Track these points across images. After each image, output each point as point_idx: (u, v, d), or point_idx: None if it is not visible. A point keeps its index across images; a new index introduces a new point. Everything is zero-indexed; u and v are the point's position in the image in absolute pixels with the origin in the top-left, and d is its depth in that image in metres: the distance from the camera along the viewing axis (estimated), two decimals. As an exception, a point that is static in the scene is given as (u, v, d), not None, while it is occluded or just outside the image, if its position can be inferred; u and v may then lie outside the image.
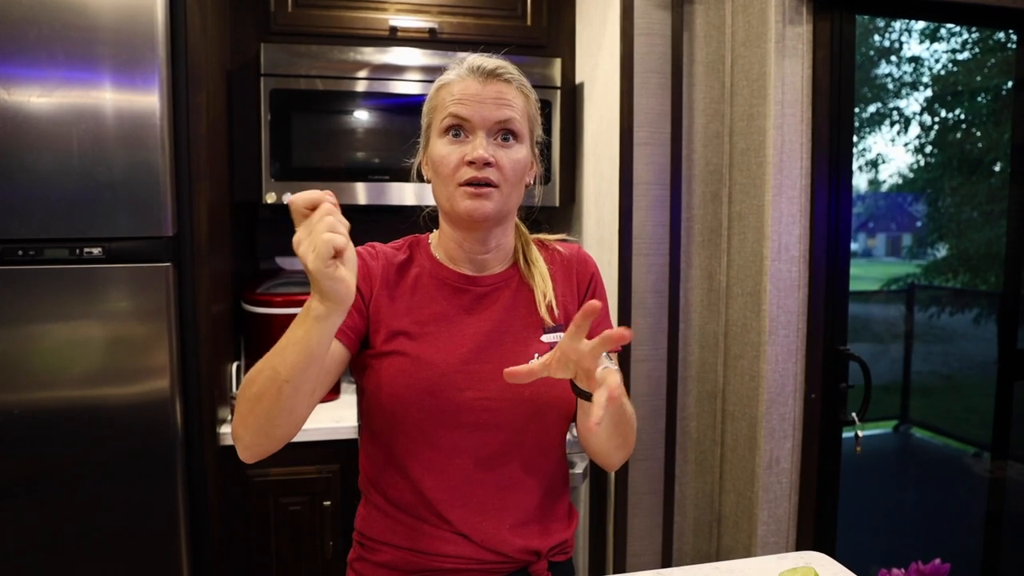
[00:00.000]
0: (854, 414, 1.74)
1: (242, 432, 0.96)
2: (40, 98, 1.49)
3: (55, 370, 1.53)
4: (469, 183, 1.00)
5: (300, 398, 0.92)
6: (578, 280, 1.16)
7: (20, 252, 1.50)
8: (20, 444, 1.53)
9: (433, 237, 1.14)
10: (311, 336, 0.86)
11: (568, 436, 1.89)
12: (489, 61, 1.04)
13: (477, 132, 1.01)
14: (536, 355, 1.06)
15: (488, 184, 1.00)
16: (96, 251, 1.53)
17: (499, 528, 1.05)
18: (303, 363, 0.88)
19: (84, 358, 1.54)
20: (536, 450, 1.09)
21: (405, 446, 1.04)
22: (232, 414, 1.81)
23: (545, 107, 2.07)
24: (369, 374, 1.06)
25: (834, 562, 1.07)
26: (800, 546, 1.72)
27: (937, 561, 0.59)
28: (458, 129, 1.02)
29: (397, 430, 1.04)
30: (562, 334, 1.09)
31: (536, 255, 1.14)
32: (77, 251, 1.53)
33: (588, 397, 0.91)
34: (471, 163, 1.00)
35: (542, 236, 1.20)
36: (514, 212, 1.10)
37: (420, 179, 1.11)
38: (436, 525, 1.04)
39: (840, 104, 1.72)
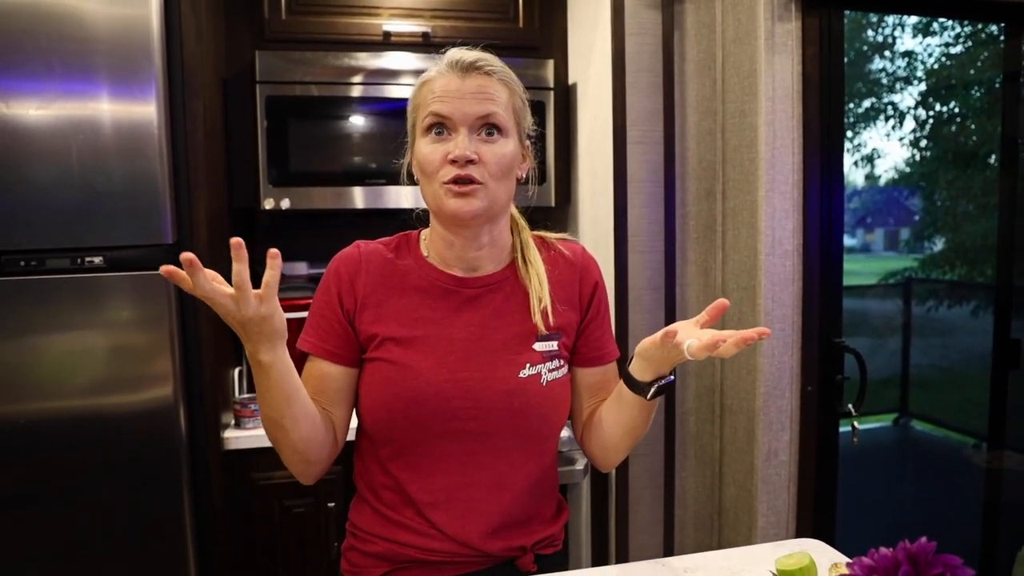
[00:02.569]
0: (851, 406, 1.75)
1: (289, 467, 1.04)
2: (39, 110, 1.51)
3: (59, 379, 1.55)
4: (453, 181, 0.98)
5: (307, 426, 0.99)
6: (581, 288, 1.12)
7: (22, 263, 1.52)
8: (26, 454, 1.54)
9: (424, 234, 1.12)
10: (271, 379, 0.93)
11: (568, 434, 1.91)
12: (469, 54, 1.01)
13: (459, 129, 0.99)
14: (528, 364, 1.04)
15: (471, 182, 0.98)
16: (97, 260, 1.55)
17: (482, 532, 1.04)
18: (284, 402, 0.95)
19: (88, 367, 1.56)
20: (525, 456, 1.07)
21: (392, 449, 1.05)
22: (235, 419, 1.82)
23: (539, 108, 2.09)
24: (360, 379, 1.06)
25: (829, 547, 1.09)
26: (800, 537, 1.74)
27: (923, 539, 0.60)
28: (440, 127, 1.00)
29: (385, 435, 1.04)
30: (555, 343, 1.07)
31: (535, 255, 1.10)
32: (78, 260, 1.55)
33: (641, 390, 1.00)
34: (453, 161, 0.98)
35: (543, 233, 1.16)
36: (506, 208, 1.07)
37: (411, 178, 1.08)
38: (420, 524, 1.04)
39: (830, 99, 1.74)
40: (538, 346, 1.06)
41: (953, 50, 7.16)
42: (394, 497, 1.06)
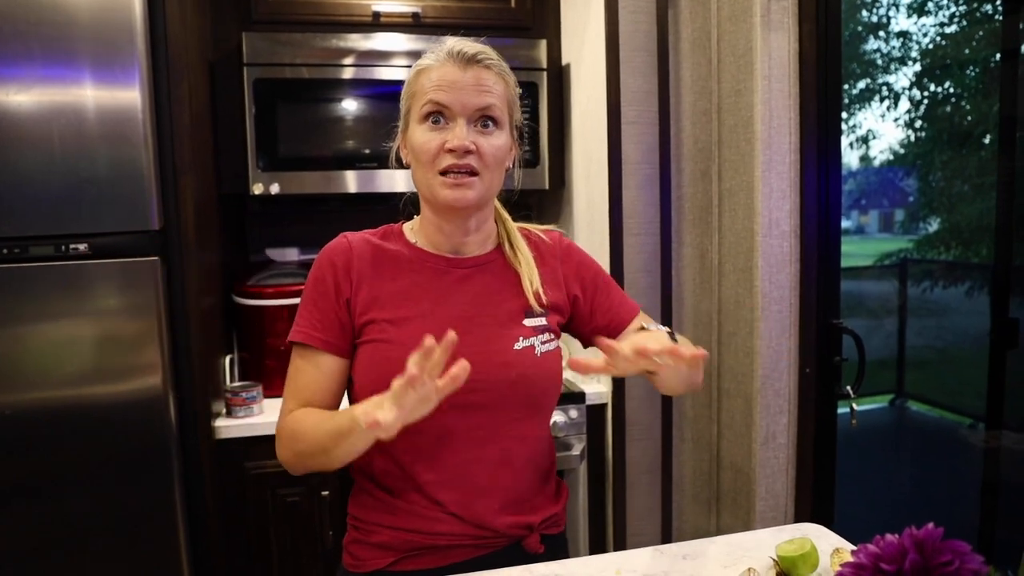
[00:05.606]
0: (849, 387, 1.74)
1: (293, 468, 1.06)
2: (18, 95, 1.47)
3: (44, 370, 1.52)
4: (449, 170, 1.00)
5: None
6: (564, 268, 1.16)
7: (4, 250, 1.49)
8: (12, 446, 1.52)
9: (411, 224, 1.14)
10: (362, 446, 0.96)
11: (564, 419, 1.90)
12: (469, 46, 1.03)
13: (457, 119, 1.01)
14: (520, 338, 1.07)
15: (470, 172, 1.00)
16: (82, 247, 1.52)
17: (489, 508, 1.06)
18: (353, 455, 0.99)
19: (74, 356, 1.53)
20: (524, 429, 1.09)
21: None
22: (226, 408, 1.79)
23: (532, 90, 2.06)
24: (354, 363, 1.07)
25: (830, 532, 1.08)
26: (799, 520, 1.73)
27: (930, 525, 0.58)
28: (438, 116, 1.02)
29: None
30: (543, 319, 1.11)
31: (520, 242, 1.14)
32: (63, 247, 1.52)
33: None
34: (451, 151, 0.99)
35: (528, 225, 1.20)
36: (494, 196, 1.11)
37: (399, 163, 1.10)
38: (427, 507, 1.05)
39: (827, 77, 1.71)
40: (527, 322, 1.09)
41: (948, 30, 7.12)
42: (397, 483, 1.06)
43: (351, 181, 1.98)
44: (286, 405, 1.06)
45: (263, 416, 1.80)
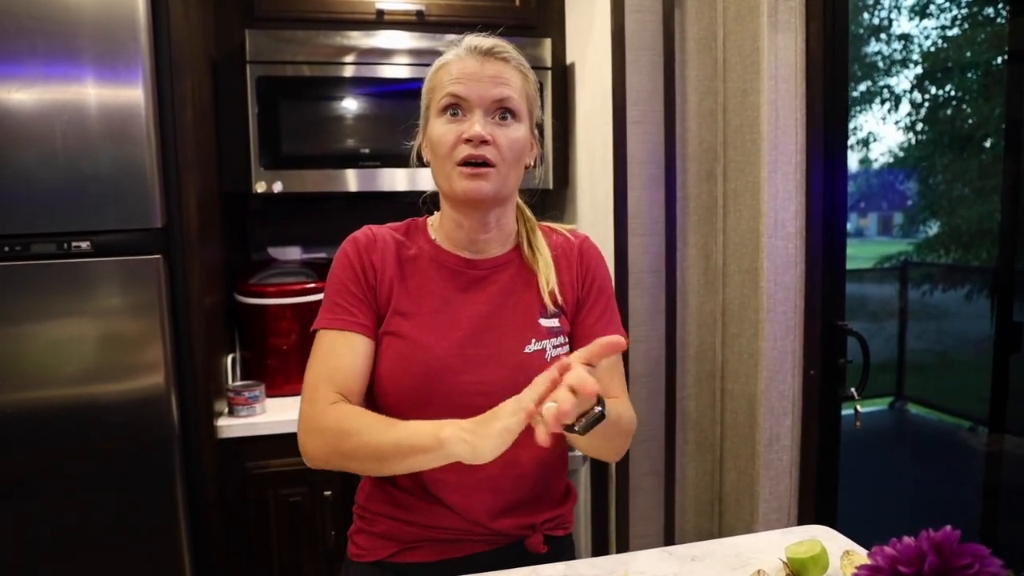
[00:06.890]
0: (853, 389, 1.73)
1: (319, 463, 1.00)
2: (20, 93, 1.46)
3: (47, 368, 1.51)
4: (466, 162, 1.00)
5: None
6: (580, 266, 1.14)
7: (6, 248, 1.48)
8: (14, 444, 1.51)
9: (432, 220, 1.14)
10: (435, 464, 0.91)
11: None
12: (486, 41, 1.04)
13: (474, 111, 1.01)
14: (533, 340, 1.06)
15: (485, 164, 1.00)
16: (84, 245, 1.51)
17: (490, 510, 1.06)
18: (411, 471, 0.95)
19: (76, 355, 1.52)
20: (531, 433, 1.07)
21: None
22: (228, 407, 1.78)
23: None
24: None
25: (838, 535, 1.07)
26: (802, 522, 1.72)
27: (947, 528, 0.58)
28: (456, 108, 1.02)
29: (393, 412, 1.04)
30: (557, 321, 1.10)
31: (541, 242, 1.13)
32: (65, 245, 1.51)
33: (569, 428, 0.91)
34: (468, 141, 1.00)
35: (555, 225, 1.19)
36: (514, 192, 1.10)
37: (420, 162, 1.10)
38: (431, 503, 1.06)
39: (834, 78, 1.71)
40: (544, 322, 1.09)
41: (950, 33, 7.12)
42: (403, 478, 1.06)
43: (353, 180, 1.97)
44: (318, 391, 1.00)
45: (265, 416, 1.79)
